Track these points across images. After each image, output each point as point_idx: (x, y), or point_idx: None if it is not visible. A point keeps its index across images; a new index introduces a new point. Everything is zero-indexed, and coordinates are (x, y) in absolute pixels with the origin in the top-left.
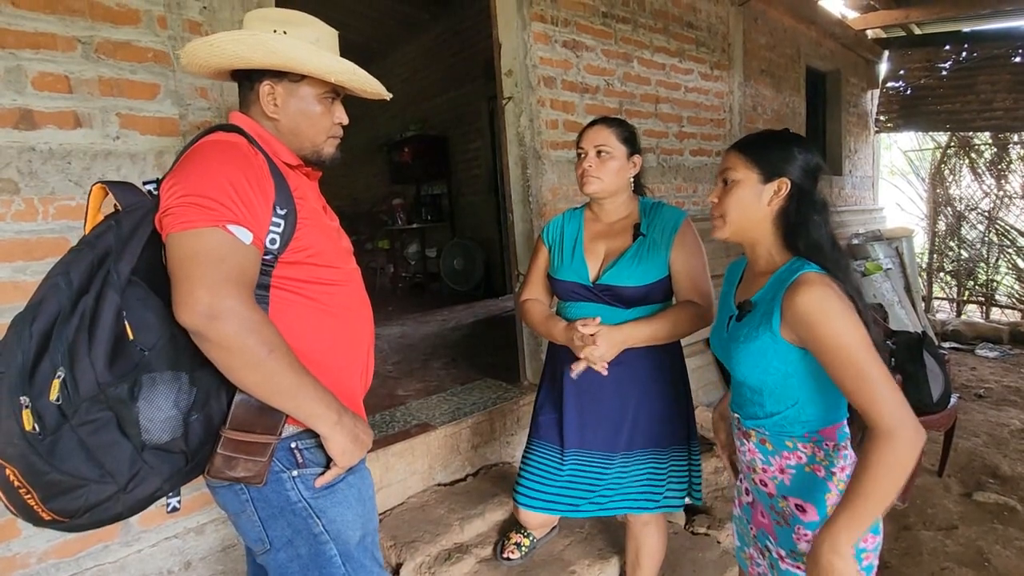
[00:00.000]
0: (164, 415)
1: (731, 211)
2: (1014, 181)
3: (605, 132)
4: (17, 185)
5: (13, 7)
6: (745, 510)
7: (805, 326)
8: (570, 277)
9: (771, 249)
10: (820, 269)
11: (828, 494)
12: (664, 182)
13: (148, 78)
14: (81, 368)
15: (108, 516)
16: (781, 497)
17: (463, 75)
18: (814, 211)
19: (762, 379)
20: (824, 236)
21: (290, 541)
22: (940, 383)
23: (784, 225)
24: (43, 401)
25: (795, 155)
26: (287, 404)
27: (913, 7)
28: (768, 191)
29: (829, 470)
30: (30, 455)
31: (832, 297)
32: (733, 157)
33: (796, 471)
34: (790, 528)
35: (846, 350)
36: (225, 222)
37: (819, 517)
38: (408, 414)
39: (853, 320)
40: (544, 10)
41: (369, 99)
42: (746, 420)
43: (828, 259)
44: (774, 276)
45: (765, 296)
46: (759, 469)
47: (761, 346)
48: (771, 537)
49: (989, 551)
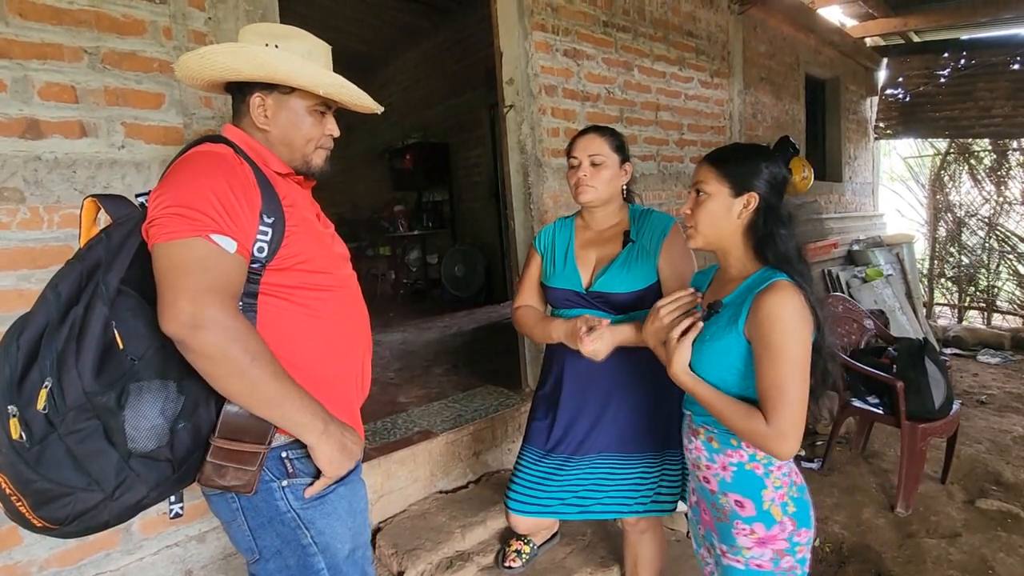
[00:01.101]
0: (150, 424)
1: (702, 222)
2: (1014, 187)
3: (598, 141)
4: (23, 194)
5: (21, 18)
6: (694, 510)
7: (760, 322)
8: (563, 285)
9: (742, 258)
10: (790, 279)
11: (764, 490)
12: (665, 189)
13: (153, 88)
14: (68, 378)
15: (96, 524)
16: (722, 493)
17: (464, 83)
18: (781, 224)
19: (721, 377)
20: (791, 248)
21: (279, 551)
22: (942, 389)
23: (753, 237)
24: (31, 411)
25: (762, 169)
26: (272, 413)
27: (911, 15)
28: (738, 205)
29: (767, 468)
30: (18, 464)
31: (796, 307)
32: (705, 170)
33: (737, 468)
34: (730, 523)
35: (780, 358)
36: (208, 232)
37: (756, 512)
38: (409, 421)
39: (802, 335)
40: (545, 19)
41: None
42: (697, 417)
43: (795, 270)
44: (746, 282)
45: (735, 300)
46: (703, 466)
47: (725, 345)
48: (714, 533)
49: (993, 559)
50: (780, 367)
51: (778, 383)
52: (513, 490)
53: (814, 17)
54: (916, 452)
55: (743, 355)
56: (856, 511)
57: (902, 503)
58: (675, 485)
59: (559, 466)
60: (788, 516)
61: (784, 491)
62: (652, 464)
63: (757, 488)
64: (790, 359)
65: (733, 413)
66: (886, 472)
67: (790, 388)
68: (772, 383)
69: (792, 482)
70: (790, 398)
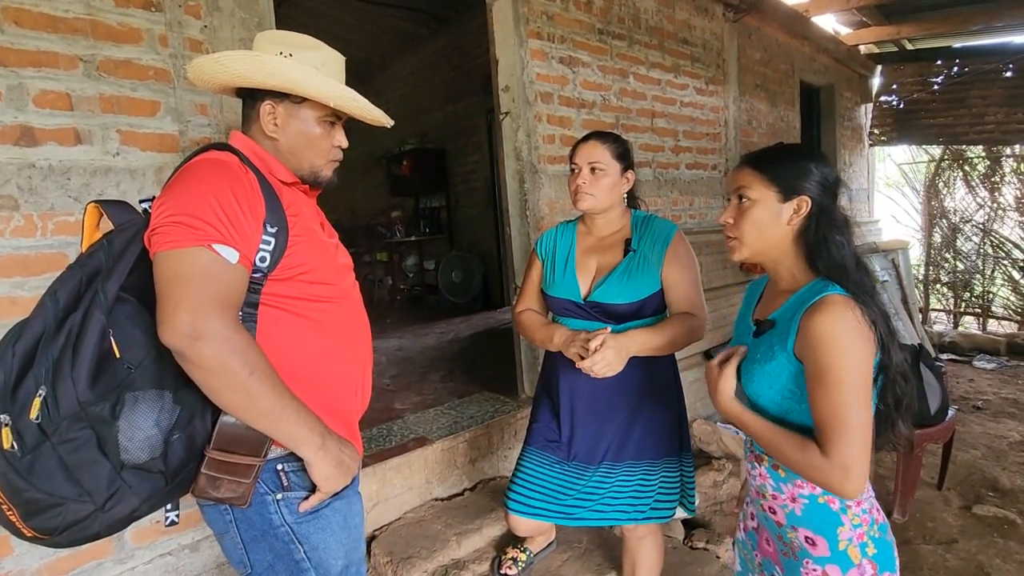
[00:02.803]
0: (143, 435)
1: (748, 232)
2: (1008, 193)
3: (599, 148)
4: (17, 201)
5: (17, 27)
6: (750, 535)
7: (811, 344)
8: (562, 294)
9: (792, 268)
10: (844, 291)
11: (841, 528)
12: (660, 195)
13: (149, 95)
14: (63, 387)
15: (86, 535)
16: (791, 527)
17: (461, 89)
18: (835, 230)
19: (776, 401)
20: (847, 256)
21: (271, 566)
22: (938, 395)
23: (804, 244)
24: (23, 420)
25: (812, 171)
26: (269, 427)
27: (905, 23)
28: (787, 210)
29: (844, 503)
30: (9, 473)
31: (851, 324)
32: (747, 174)
33: (809, 501)
34: (798, 562)
35: (837, 384)
36: (211, 241)
37: (830, 552)
38: (405, 428)
39: (859, 357)
40: (541, 27)
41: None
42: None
43: (852, 280)
44: (795, 296)
45: (784, 315)
46: (769, 496)
47: (776, 367)
48: (777, 567)
49: (989, 565)
50: (837, 394)
51: (836, 412)
52: (513, 491)
53: (808, 25)
54: (912, 458)
55: (796, 377)
56: None
57: (899, 509)
58: (673, 492)
59: (560, 471)
60: (867, 559)
61: (863, 529)
62: (652, 472)
63: (832, 525)
64: (848, 384)
65: (786, 445)
66: (883, 478)
67: (850, 417)
68: (829, 413)
69: (873, 520)
70: (851, 428)
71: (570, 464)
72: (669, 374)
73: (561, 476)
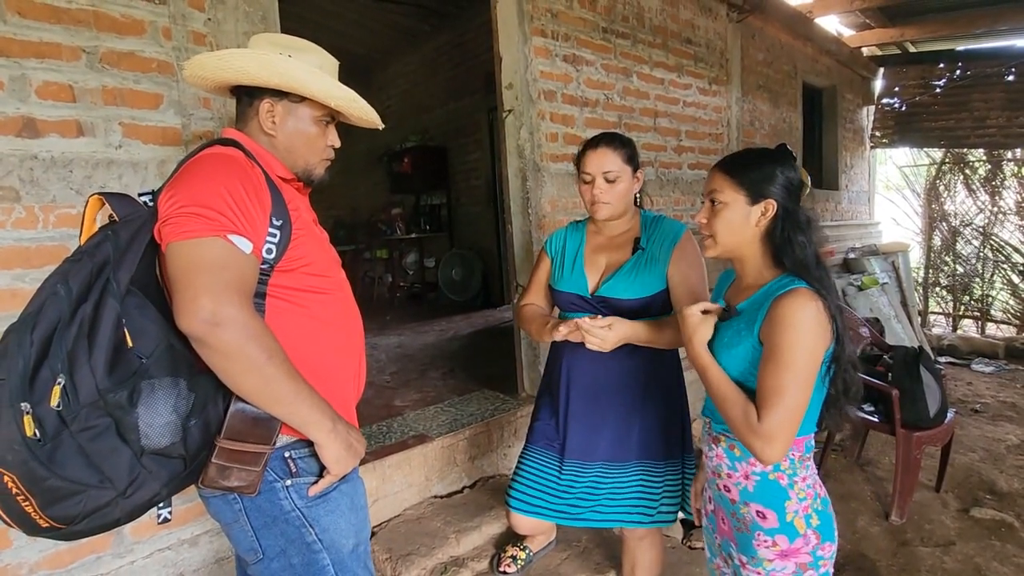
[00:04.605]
0: (164, 420)
1: (720, 232)
2: (1008, 197)
3: (611, 156)
4: (18, 193)
5: (20, 17)
6: (711, 519)
7: (773, 325)
8: (570, 288)
9: (759, 266)
10: (808, 286)
11: (788, 501)
12: (662, 195)
13: (152, 88)
14: (81, 375)
15: (106, 522)
16: (743, 503)
17: (463, 87)
18: (799, 230)
19: (738, 383)
20: (810, 255)
21: (283, 551)
22: (937, 398)
23: (771, 244)
24: (44, 407)
25: (777, 175)
26: (284, 411)
27: (908, 26)
28: (755, 212)
29: (792, 479)
30: (30, 461)
31: (812, 314)
32: (719, 178)
33: (760, 478)
34: (750, 534)
35: (786, 362)
36: (226, 232)
37: (779, 524)
38: (405, 425)
39: (813, 344)
40: (545, 25)
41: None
42: (716, 424)
43: (813, 277)
44: (763, 289)
45: (752, 306)
46: (724, 475)
47: (742, 351)
48: (733, 544)
49: (987, 568)
50: (784, 371)
51: (778, 386)
52: (515, 488)
53: (812, 26)
54: (911, 460)
55: (758, 359)
56: (851, 519)
57: (897, 511)
58: (676, 496)
59: (561, 469)
60: (812, 529)
61: (808, 503)
62: (654, 473)
63: (780, 499)
64: (796, 365)
65: (733, 400)
66: (881, 480)
67: (789, 393)
68: (773, 385)
69: (816, 494)
70: (787, 403)
71: (570, 463)
72: (671, 374)
73: (562, 475)
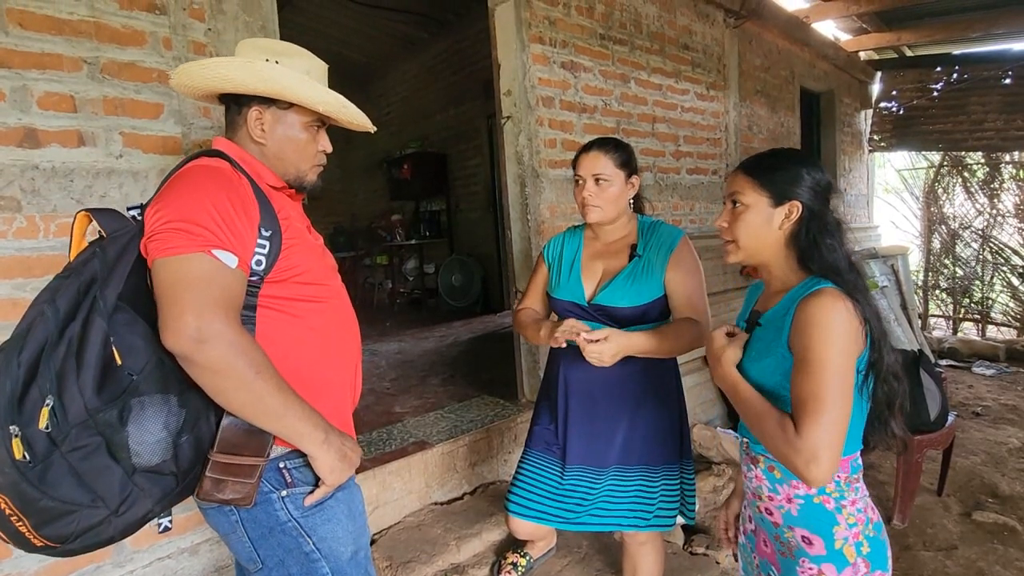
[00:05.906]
0: (154, 438)
1: (742, 236)
2: (1007, 200)
3: (602, 160)
4: (19, 203)
5: (21, 28)
6: (749, 538)
7: (801, 328)
8: (566, 296)
9: (784, 270)
10: (835, 286)
11: (837, 527)
12: (661, 200)
13: (152, 98)
14: (70, 395)
15: (100, 540)
16: (787, 527)
17: (462, 93)
18: (826, 233)
19: (771, 400)
20: (840, 258)
21: (282, 561)
22: (937, 401)
23: (796, 248)
24: (32, 429)
25: (804, 176)
26: (274, 425)
27: (904, 30)
28: (779, 215)
29: (839, 502)
30: (21, 483)
31: (840, 314)
32: (741, 180)
33: (804, 501)
34: (795, 560)
35: (820, 366)
36: (210, 247)
37: (826, 551)
38: (405, 431)
39: (846, 346)
40: (543, 32)
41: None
42: (755, 444)
43: (846, 281)
44: (788, 294)
45: (777, 313)
46: (765, 497)
47: (772, 362)
48: (774, 568)
49: (989, 572)
50: (819, 376)
51: (814, 393)
52: (514, 493)
53: (809, 31)
54: (912, 464)
55: (790, 371)
56: None
57: (898, 515)
58: (674, 500)
59: (561, 474)
60: (862, 557)
61: (859, 529)
62: (652, 477)
63: (828, 524)
64: (829, 369)
65: (768, 417)
66: (882, 484)
67: (828, 401)
68: (808, 393)
69: (868, 519)
70: (827, 412)
71: (569, 467)
72: (670, 378)
73: (561, 479)
